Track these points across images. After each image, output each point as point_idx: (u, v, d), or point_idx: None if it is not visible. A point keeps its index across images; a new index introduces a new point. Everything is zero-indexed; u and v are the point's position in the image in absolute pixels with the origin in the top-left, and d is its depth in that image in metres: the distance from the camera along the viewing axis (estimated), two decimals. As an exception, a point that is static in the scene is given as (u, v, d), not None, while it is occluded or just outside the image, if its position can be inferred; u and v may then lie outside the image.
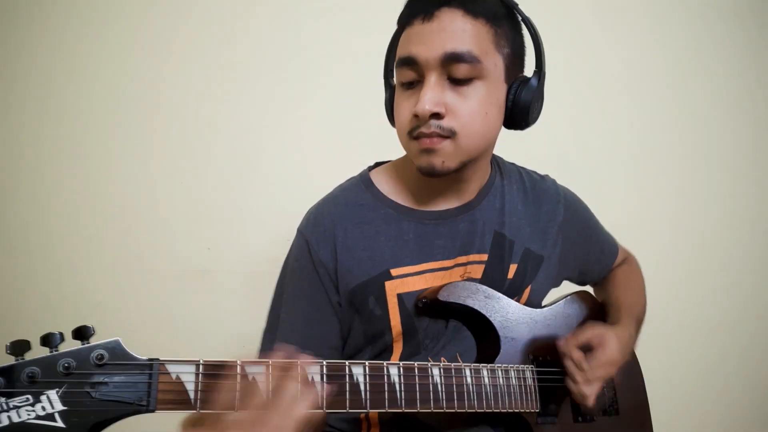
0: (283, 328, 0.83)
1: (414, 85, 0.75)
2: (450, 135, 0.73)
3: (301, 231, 0.85)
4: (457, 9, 0.71)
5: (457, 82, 0.72)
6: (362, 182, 0.87)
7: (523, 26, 0.77)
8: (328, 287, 0.81)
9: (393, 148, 0.93)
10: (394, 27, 0.81)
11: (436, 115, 0.72)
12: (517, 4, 0.76)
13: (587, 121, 1.54)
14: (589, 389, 0.78)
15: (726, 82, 1.59)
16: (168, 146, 1.41)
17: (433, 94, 0.71)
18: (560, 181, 0.96)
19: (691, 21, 1.57)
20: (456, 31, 0.71)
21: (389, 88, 0.83)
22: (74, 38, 1.39)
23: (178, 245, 1.41)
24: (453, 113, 0.72)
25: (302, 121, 1.44)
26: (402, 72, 0.75)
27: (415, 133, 0.74)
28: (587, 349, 0.80)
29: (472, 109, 0.73)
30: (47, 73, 1.39)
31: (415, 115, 0.73)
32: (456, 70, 0.71)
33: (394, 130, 0.88)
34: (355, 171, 0.91)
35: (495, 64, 0.74)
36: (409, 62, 0.73)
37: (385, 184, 0.86)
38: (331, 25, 1.44)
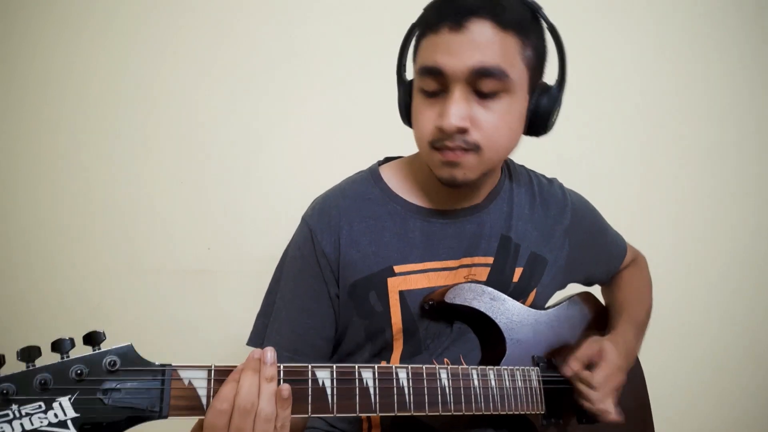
0: (277, 315, 0.82)
1: (437, 94, 0.72)
2: (474, 148, 0.72)
3: (305, 220, 0.84)
4: (486, 20, 0.69)
5: (482, 95, 0.71)
6: (371, 177, 0.86)
7: (546, 32, 0.76)
8: (328, 279, 0.81)
9: (394, 149, 0.93)
10: (394, 28, 0.80)
11: (462, 130, 0.71)
12: (541, 8, 0.74)
13: (590, 122, 1.54)
14: (606, 404, 0.77)
15: (730, 82, 1.59)
16: (168, 146, 1.40)
17: (459, 109, 0.70)
18: (564, 183, 0.96)
19: (694, 19, 1.57)
20: (485, 44, 0.68)
21: (403, 85, 0.80)
22: (73, 38, 1.38)
23: (178, 245, 1.40)
24: (478, 127, 0.71)
25: (302, 121, 1.44)
26: (425, 80, 0.73)
27: (437, 144, 0.73)
28: (590, 366, 0.80)
29: (497, 124, 0.72)
30: (46, 74, 1.37)
31: (440, 129, 0.71)
32: (483, 84, 0.69)
33: (396, 129, 0.88)
34: (356, 170, 0.90)
35: (520, 76, 0.72)
36: (435, 72, 0.70)
37: (394, 180, 0.85)
38: (332, 25, 1.43)
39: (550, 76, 0.79)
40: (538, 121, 0.77)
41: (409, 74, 0.80)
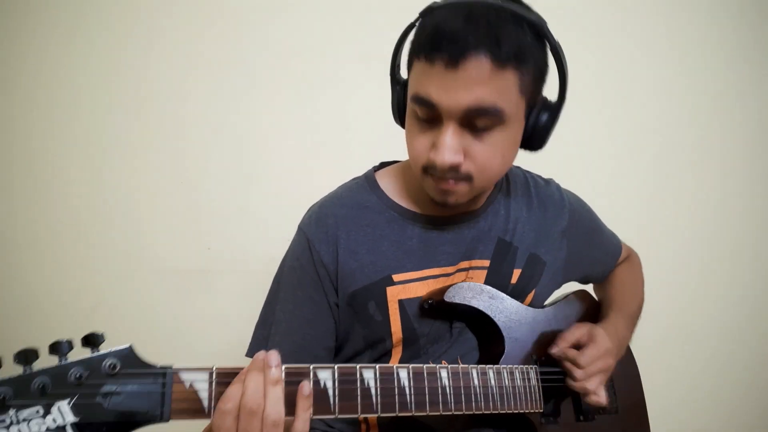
0: (278, 326, 0.82)
1: (430, 121, 0.70)
2: (466, 179, 0.71)
3: (302, 229, 0.83)
4: (484, 56, 0.64)
5: (476, 129, 0.69)
6: (367, 183, 0.85)
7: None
8: (327, 288, 0.80)
9: (394, 150, 0.92)
10: (396, 30, 0.79)
11: (454, 167, 0.69)
12: (545, 25, 0.69)
13: (591, 122, 1.53)
14: (591, 384, 0.77)
15: (734, 83, 1.59)
16: (168, 146, 1.40)
17: (453, 143, 0.68)
18: (564, 183, 0.96)
19: (696, 19, 1.56)
20: (482, 83, 0.65)
21: (397, 86, 0.78)
22: (70, 36, 1.38)
23: (178, 245, 1.40)
24: (471, 158, 0.70)
25: (303, 120, 1.43)
26: (418, 108, 0.70)
27: (430, 171, 0.72)
28: (579, 348, 0.80)
29: (489, 155, 0.70)
30: (46, 73, 1.37)
31: (432, 162, 0.70)
32: (478, 121, 0.68)
33: (396, 131, 0.87)
34: (356, 171, 0.90)
35: (517, 107, 0.70)
36: (428, 104, 0.68)
37: (390, 186, 0.84)
38: (332, 25, 1.43)
39: (551, 88, 0.76)
40: (536, 138, 0.75)
41: (404, 73, 0.78)
